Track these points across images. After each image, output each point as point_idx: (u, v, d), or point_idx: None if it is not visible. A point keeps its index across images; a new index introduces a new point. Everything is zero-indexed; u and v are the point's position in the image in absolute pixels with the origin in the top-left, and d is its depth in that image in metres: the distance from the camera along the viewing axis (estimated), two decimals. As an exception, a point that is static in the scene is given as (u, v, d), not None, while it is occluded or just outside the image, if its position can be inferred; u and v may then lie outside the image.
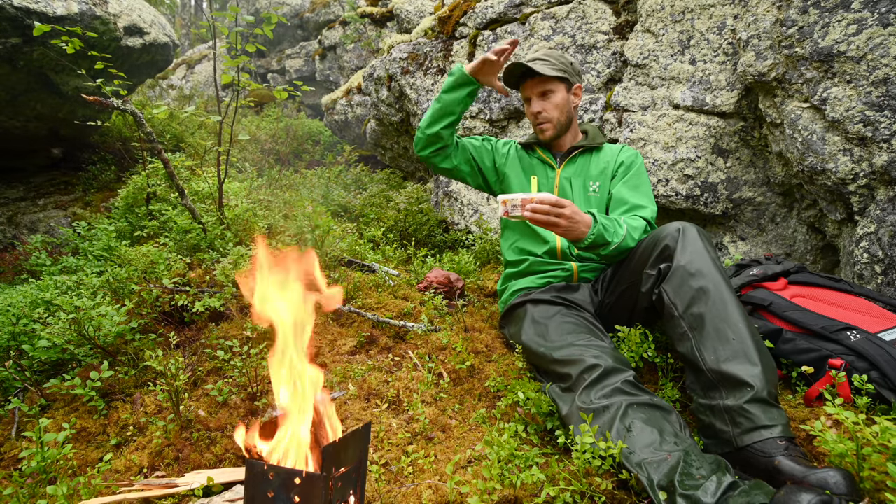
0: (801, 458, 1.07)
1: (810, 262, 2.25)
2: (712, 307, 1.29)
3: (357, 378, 1.67)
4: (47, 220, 4.38)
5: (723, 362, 1.23)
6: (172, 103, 7.70)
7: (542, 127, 1.84)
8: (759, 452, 1.11)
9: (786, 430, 1.12)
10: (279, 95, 2.62)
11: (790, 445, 1.10)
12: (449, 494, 1.11)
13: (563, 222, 1.44)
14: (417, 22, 4.77)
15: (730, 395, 1.19)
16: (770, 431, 1.12)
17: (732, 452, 1.16)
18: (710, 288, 1.31)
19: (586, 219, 1.49)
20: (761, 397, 1.16)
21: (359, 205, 3.71)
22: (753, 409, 1.15)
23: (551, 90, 1.81)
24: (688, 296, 1.34)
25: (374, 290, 2.33)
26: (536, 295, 1.71)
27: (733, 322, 1.26)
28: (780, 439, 1.11)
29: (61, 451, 1.23)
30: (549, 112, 1.82)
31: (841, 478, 0.93)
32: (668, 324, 1.40)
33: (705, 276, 1.33)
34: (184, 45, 13.87)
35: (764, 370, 1.19)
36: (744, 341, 1.23)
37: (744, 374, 1.19)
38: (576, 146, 1.87)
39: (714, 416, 1.22)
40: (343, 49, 9.06)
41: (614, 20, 2.80)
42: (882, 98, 1.70)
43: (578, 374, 1.32)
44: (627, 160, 1.83)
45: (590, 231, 1.48)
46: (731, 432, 1.17)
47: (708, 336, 1.28)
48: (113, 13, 3.90)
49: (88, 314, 1.76)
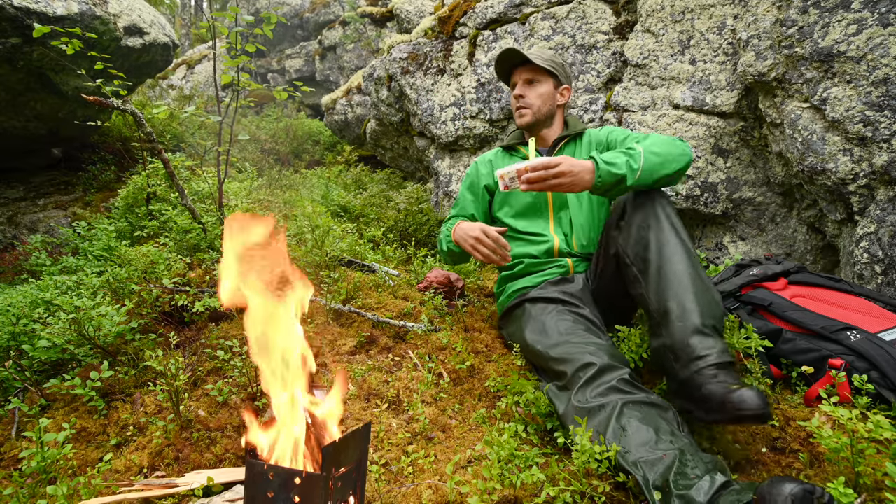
0: (728, 382, 1.13)
1: (810, 262, 2.25)
2: (656, 252, 1.38)
3: (357, 378, 1.67)
4: (47, 220, 4.38)
5: (663, 301, 1.32)
6: (172, 103, 7.69)
7: (521, 112, 1.86)
8: (694, 382, 1.19)
9: (720, 357, 1.20)
10: (279, 96, 2.63)
11: (720, 372, 1.17)
12: (449, 494, 1.11)
13: (563, 180, 1.42)
14: (417, 22, 4.77)
15: (669, 333, 1.28)
16: (704, 361, 1.20)
17: (679, 388, 1.24)
18: (653, 235, 1.40)
19: (587, 165, 1.44)
20: (697, 329, 1.24)
21: (359, 205, 3.71)
22: (690, 341, 1.23)
23: (538, 80, 1.85)
24: (636, 244, 1.43)
25: (374, 290, 2.33)
26: (534, 293, 1.72)
27: (674, 263, 1.34)
28: (711, 367, 1.18)
29: (61, 451, 1.23)
30: (531, 99, 1.85)
31: (754, 394, 1.05)
32: (624, 273, 1.50)
33: (650, 226, 1.42)
34: (184, 45, 13.87)
35: (700, 304, 1.27)
36: (681, 281, 1.31)
37: (679, 310, 1.27)
38: (559, 137, 1.88)
39: (662, 355, 1.30)
40: (343, 49, 9.06)
41: (614, 20, 2.80)
42: (882, 98, 1.70)
43: (574, 372, 1.32)
44: (611, 135, 1.82)
45: (595, 174, 1.43)
46: (675, 367, 1.25)
47: (652, 278, 1.37)
48: (113, 13, 3.90)
49: (88, 314, 1.76)
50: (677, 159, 1.47)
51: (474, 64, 3.18)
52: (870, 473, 1.01)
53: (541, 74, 1.85)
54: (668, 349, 1.28)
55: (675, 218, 1.44)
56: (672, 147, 1.49)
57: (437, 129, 3.32)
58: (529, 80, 1.86)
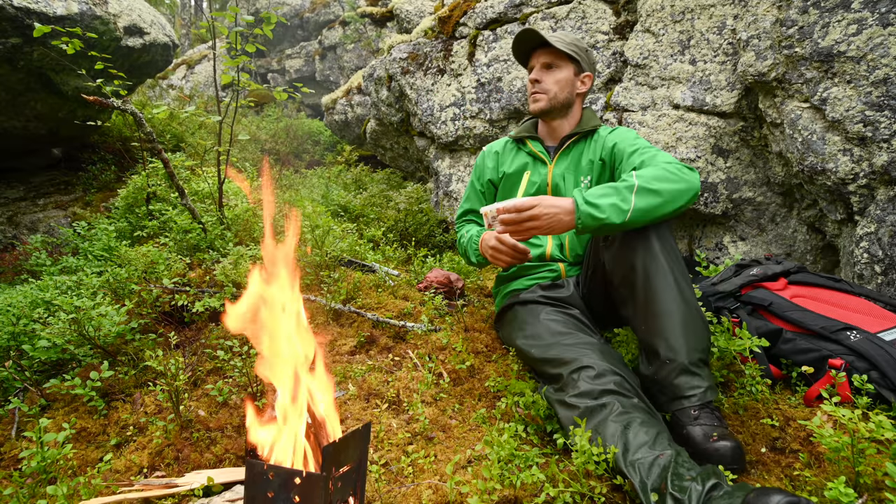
0: (711, 425, 1.18)
1: (810, 262, 2.25)
2: (643, 279, 1.34)
3: (357, 378, 1.67)
4: (47, 220, 4.38)
5: (650, 335, 1.31)
6: (172, 103, 7.69)
7: (536, 97, 1.73)
8: (678, 421, 1.23)
9: (703, 397, 1.23)
10: (279, 96, 2.62)
11: (702, 414, 1.21)
12: (449, 494, 1.11)
13: (538, 223, 1.32)
14: (417, 22, 4.77)
15: (656, 367, 1.29)
16: (688, 401, 1.23)
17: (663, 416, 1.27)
18: (640, 260, 1.34)
19: (566, 205, 1.30)
20: (684, 368, 1.25)
21: (359, 205, 3.71)
22: (675, 380, 1.25)
23: (557, 65, 1.71)
24: (622, 265, 1.39)
25: (374, 290, 2.33)
26: (524, 296, 1.70)
27: (661, 294, 1.30)
28: (695, 409, 1.22)
29: (61, 451, 1.23)
30: (547, 84, 1.71)
31: (730, 448, 1.12)
32: (611, 291, 1.49)
33: (637, 248, 1.35)
34: (184, 45, 13.87)
35: (687, 339, 1.27)
36: (670, 314, 1.29)
37: (666, 349, 1.27)
38: (568, 135, 1.76)
39: (650, 384, 1.32)
40: (343, 49, 9.06)
41: (614, 20, 2.80)
42: (882, 98, 1.70)
43: (569, 374, 1.32)
44: (617, 147, 1.66)
45: (575, 216, 1.30)
46: (661, 399, 1.29)
47: (640, 307, 1.34)
48: (113, 13, 3.90)
49: (88, 314, 1.76)
50: (680, 196, 1.31)
51: (474, 64, 3.18)
52: (870, 473, 1.01)
53: (561, 59, 1.71)
54: (654, 382, 1.31)
55: (665, 235, 1.35)
56: (676, 182, 1.31)
57: (437, 129, 3.32)
58: (548, 63, 1.72)
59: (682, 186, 1.31)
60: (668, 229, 1.38)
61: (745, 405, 1.37)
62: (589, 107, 2.33)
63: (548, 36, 1.69)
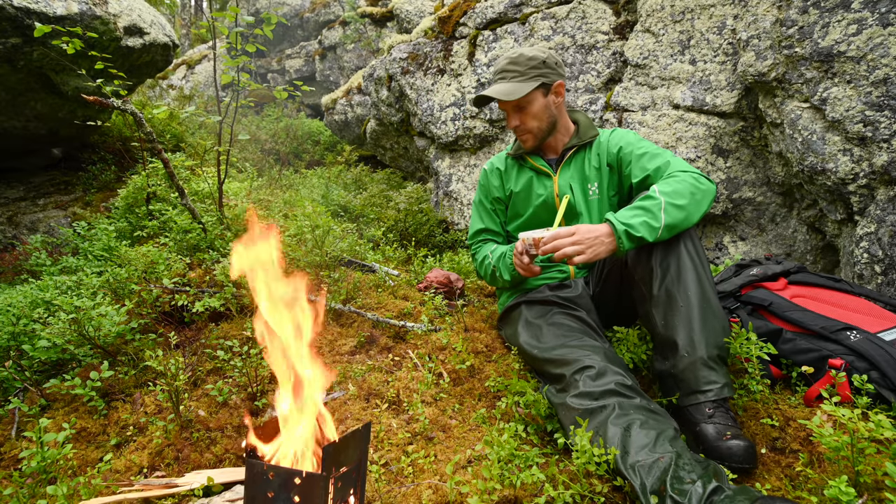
0: (725, 424, 1.19)
1: (810, 262, 2.25)
2: (667, 275, 1.37)
3: (357, 378, 1.67)
4: (47, 220, 4.38)
5: (669, 329, 1.33)
6: (172, 103, 7.69)
7: (523, 138, 1.77)
8: (692, 417, 1.25)
9: (720, 392, 1.24)
10: (279, 95, 2.63)
11: (717, 412, 1.22)
12: (449, 494, 1.11)
13: (582, 248, 1.38)
14: (417, 22, 4.77)
15: (674, 361, 1.31)
16: (705, 395, 1.25)
17: (675, 413, 1.29)
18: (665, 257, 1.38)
19: (603, 231, 1.40)
20: (702, 362, 1.27)
21: (359, 205, 3.71)
22: (691, 373, 1.27)
23: (526, 100, 1.69)
24: (646, 263, 1.42)
25: (374, 290, 2.33)
26: (531, 296, 1.71)
27: (684, 289, 1.34)
28: (710, 405, 1.23)
29: (61, 451, 1.23)
30: (528, 124, 1.73)
31: (742, 447, 1.13)
32: (631, 288, 1.50)
33: (663, 246, 1.40)
34: (184, 45, 13.86)
35: (707, 335, 1.29)
36: (690, 309, 1.32)
37: (686, 343, 1.29)
38: (567, 147, 1.78)
39: (665, 379, 1.34)
40: (343, 49, 9.06)
41: (614, 20, 2.80)
42: (882, 98, 1.70)
43: (571, 374, 1.32)
44: (623, 151, 1.69)
45: (616, 239, 1.39)
46: (677, 394, 1.31)
47: (660, 301, 1.37)
48: (113, 13, 3.89)
49: (88, 314, 1.76)
50: (702, 204, 1.41)
51: (474, 64, 3.18)
52: (870, 473, 1.01)
53: (526, 95, 1.68)
54: (671, 377, 1.32)
55: (690, 233, 1.40)
56: (695, 194, 1.41)
57: (437, 129, 3.32)
58: (517, 105, 1.71)
59: (700, 196, 1.42)
60: (698, 238, 1.44)
61: (745, 405, 1.37)
62: (582, 110, 2.34)
63: (503, 93, 1.65)
